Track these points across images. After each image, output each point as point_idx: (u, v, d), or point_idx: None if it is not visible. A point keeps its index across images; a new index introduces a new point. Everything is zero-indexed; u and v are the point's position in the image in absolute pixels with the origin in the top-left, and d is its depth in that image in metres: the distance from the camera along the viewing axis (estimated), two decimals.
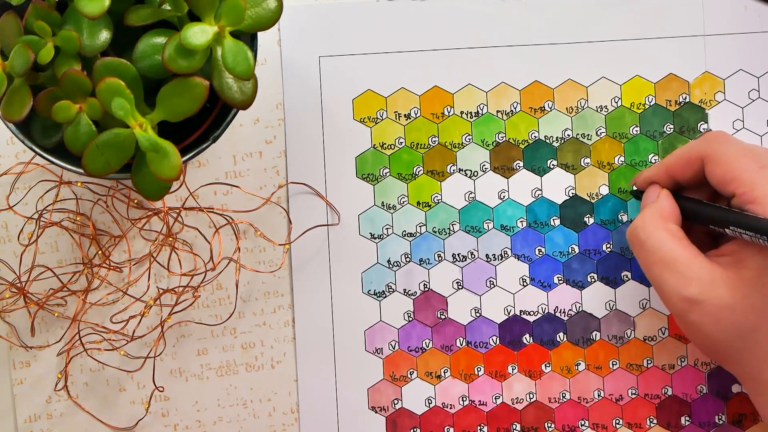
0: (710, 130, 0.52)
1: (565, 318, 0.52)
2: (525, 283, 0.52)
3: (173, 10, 0.39)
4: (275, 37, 0.51)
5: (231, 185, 0.51)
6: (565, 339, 0.52)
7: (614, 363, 0.52)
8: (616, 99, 0.52)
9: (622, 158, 0.52)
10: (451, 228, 0.52)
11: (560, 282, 0.52)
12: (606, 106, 0.52)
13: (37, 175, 0.50)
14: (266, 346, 0.51)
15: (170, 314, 0.50)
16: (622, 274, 0.52)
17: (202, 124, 0.44)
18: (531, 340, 0.52)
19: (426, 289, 0.52)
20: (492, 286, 0.52)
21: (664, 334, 0.52)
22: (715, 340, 0.42)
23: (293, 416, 0.51)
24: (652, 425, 0.52)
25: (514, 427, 0.52)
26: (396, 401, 0.52)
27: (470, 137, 0.52)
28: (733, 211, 0.43)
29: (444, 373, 0.52)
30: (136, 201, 0.50)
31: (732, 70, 0.52)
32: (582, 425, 0.52)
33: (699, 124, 0.52)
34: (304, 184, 0.51)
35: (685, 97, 0.52)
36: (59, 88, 0.38)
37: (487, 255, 0.52)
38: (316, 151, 0.51)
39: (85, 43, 0.39)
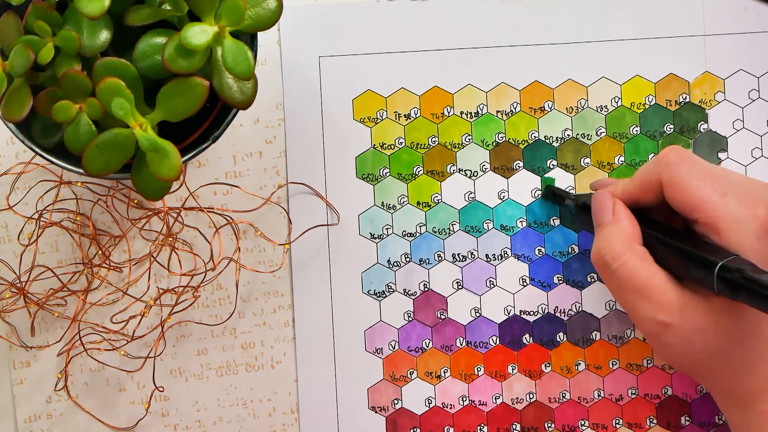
0: (710, 130, 0.52)
1: (565, 318, 0.52)
2: (525, 283, 0.52)
3: (173, 10, 0.39)
4: (275, 37, 0.51)
5: (231, 185, 0.51)
6: (565, 339, 0.52)
7: (614, 363, 0.52)
8: (616, 99, 0.52)
9: (623, 158, 0.52)
10: (451, 228, 0.52)
11: (560, 282, 0.52)
12: (606, 106, 0.52)
13: (37, 175, 0.50)
14: (266, 346, 0.51)
15: (170, 314, 0.50)
16: None
17: (202, 124, 0.44)
18: (531, 340, 0.52)
19: (426, 289, 0.52)
20: (492, 286, 0.52)
21: None
22: (688, 360, 0.43)
23: (293, 416, 0.51)
24: (652, 425, 0.52)
25: (514, 427, 0.52)
26: (396, 401, 0.51)
27: (470, 137, 0.52)
28: (696, 256, 0.42)
29: (444, 373, 0.52)
30: (136, 201, 0.50)
31: (732, 70, 0.52)
32: (582, 425, 0.52)
33: (699, 124, 0.52)
34: (304, 184, 0.51)
35: (685, 97, 0.52)
36: (59, 88, 0.38)
37: (487, 255, 0.52)
38: (316, 151, 0.51)
39: (85, 43, 0.39)
